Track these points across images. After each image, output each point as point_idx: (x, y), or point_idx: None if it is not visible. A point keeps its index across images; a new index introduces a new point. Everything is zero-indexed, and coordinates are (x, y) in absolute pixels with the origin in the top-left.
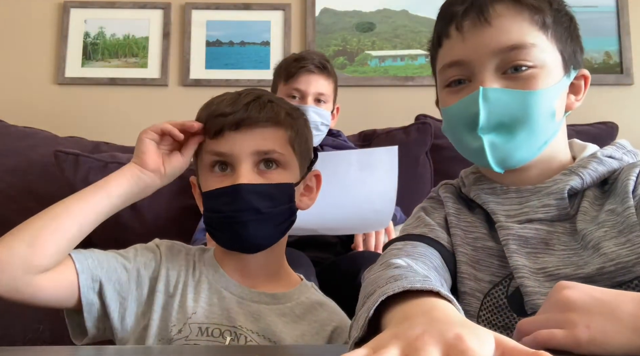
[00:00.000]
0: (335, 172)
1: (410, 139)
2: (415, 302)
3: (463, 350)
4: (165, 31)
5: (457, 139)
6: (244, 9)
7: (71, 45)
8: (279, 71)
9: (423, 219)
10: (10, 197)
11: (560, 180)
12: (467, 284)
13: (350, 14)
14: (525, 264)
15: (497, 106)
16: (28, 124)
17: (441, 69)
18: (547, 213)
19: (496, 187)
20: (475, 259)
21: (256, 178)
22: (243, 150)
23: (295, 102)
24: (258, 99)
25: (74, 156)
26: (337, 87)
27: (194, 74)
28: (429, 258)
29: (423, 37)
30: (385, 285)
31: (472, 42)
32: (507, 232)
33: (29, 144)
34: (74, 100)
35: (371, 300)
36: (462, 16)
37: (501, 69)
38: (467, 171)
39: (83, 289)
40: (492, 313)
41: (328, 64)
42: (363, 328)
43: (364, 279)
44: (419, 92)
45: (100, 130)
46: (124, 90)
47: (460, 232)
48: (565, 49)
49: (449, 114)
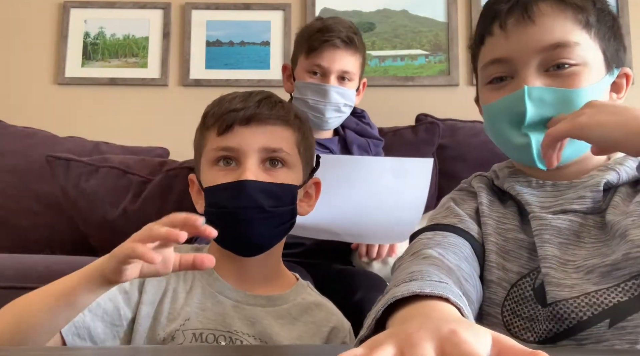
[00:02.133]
0: (368, 177)
1: (418, 139)
2: (420, 305)
3: (457, 343)
4: (165, 31)
5: (499, 135)
6: (244, 9)
7: (71, 45)
8: (300, 41)
9: (453, 209)
10: (10, 197)
11: (597, 175)
12: (495, 273)
13: (350, 14)
14: (555, 255)
15: (543, 104)
16: (28, 124)
17: (483, 66)
18: (582, 204)
19: (532, 180)
20: (505, 249)
21: (262, 175)
22: (251, 145)
23: (317, 79)
24: (269, 98)
25: (65, 160)
26: (365, 61)
27: (194, 74)
28: (460, 248)
29: (423, 37)
30: (399, 285)
31: (516, 40)
32: (540, 222)
33: (29, 144)
34: (74, 100)
35: (382, 300)
36: (506, 14)
37: (544, 67)
38: (502, 165)
39: (67, 340)
40: (517, 303)
41: (356, 37)
42: (370, 327)
43: (394, 269)
44: (419, 92)
45: (100, 130)
46: (124, 90)
47: (492, 222)
48: (607, 48)
49: (491, 110)
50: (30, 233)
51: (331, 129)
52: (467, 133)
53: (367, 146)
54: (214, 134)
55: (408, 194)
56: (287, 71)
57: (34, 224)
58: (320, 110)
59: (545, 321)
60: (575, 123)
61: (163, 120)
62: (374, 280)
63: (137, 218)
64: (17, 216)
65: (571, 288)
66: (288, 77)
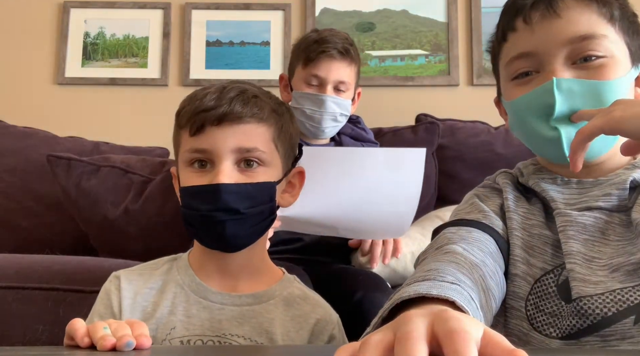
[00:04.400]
0: (362, 168)
1: (418, 139)
2: (423, 307)
3: (447, 318)
4: (165, 31)
5: (528, 130)
6: (244, 9)
7: (71, 45)
8: (297, 51)
9: (477, 205)
10: (10, 197)
11: (623, 173)
12: (520, 267)
13: (350, 14)
14: (580, 251)
15: (572, 96)
16: (28, 124)
17: (507, 62)
18: (608, 202)
19: (557, 177)
20: (530, 244)
21: (237, 176)
22: (224, 146)
23: (314, 89)
24: (242, 94)
25: (66, 160)
26: (359, 72)
27: (194, 74)
28: (484, 244)
29: (423, 37)
30: (411, 284)
31: (542, 34)
32: (565, 219)
33: (29, 144)
34: (74, 100)
35: (391, 300)
36: (530, 9)
37: (571, 60)
38: (526, 163)
39: None
40: (541, 298)
41: (351, 48)
42: (376, 325)
43: (417, 262)
44: (419, 92)
45: (100, 130)
46: (124, 90)
47: (518, 217)
48: (632, 42)
49: (518, 105)
50: (30, 233)
51: (327, 138)
52: (467, 133)
53: None
54: (187, 135)
55: (402, 185)
56: (283, 81)
57: (34, 224)
58: (317, 119)
59: (569, 317)
60: (610, 117)
61: (163, 120)
62: (374, 280)
63: (138, 217)
64: (17, 216)
65: (596, 285)
66: (285, 87)
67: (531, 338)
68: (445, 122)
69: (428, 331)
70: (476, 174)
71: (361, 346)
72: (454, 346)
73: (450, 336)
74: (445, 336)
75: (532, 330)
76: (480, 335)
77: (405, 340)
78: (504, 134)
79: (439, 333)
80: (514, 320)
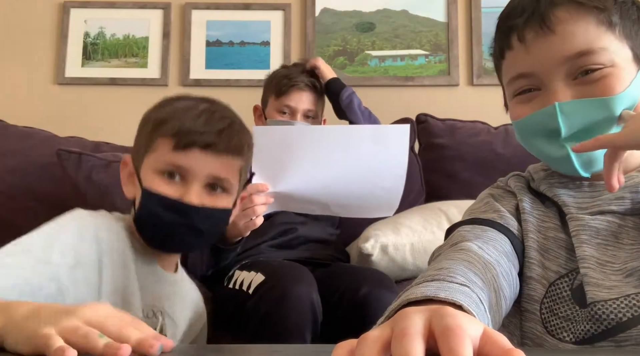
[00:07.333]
0: (349, 145)
1: None
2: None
3: (444, 315)
4: (165, 31)
5: (536, 149)
6: (244, 9)
7: (71, 45)
8: (269, 85)
9: (492, 204)
10: (10, 197)
11: (637, 176)
12: (535, 270)
13: (350, 14)
14: (594, 255)
15: (577, 116)
16: (28, 124)
17: (508, 82)
18: (621, 205)
19: (568, 181)
20: (545, 247)
21: (204, 198)
22: (203, 171)
23: (286, 117)
24: (231, 127)
25: (77, 154)
26: (324, 102)
27: (194, 74)
28: (499, 243)
29: (423, 37)
30: (421, 283)
31: (537, 53)
32: (577, 223)
33: (29, 144)
34: (74, 100)
35: (398, 300)
36: (523, 27)
37: (571, 76)
38: (537, 167)
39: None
40: (555, 302)
41: (317, 81)
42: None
43: (432, 258)
44: (419, 92)
45: (100, 130)
46: (124, 90)
47: (533, 219)
48: (635, 42)
49: (523, 126)
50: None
51: None
52: (467, 133)
53: None
54: (168, 146)
55: (389, 161)
56: (257, 111)
57: (34, 224)
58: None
59: (583, 321)
60: (632, 132)
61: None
62: (379, 276)
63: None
64: (17, 216)
65: (610, 290)
66: (259, 116)
67: (545, 342)
68: (445, 122)
69: (425, 327)
70: (476, 174)
71: (359, 343)
72: (448, 342)
73: (446, 333)
74: (441, 333)
75: (545, 333)
76: (478, 333)
77: (402, 336)
78: (504, 134)
79: (435, 330)
80: (528, 323)
